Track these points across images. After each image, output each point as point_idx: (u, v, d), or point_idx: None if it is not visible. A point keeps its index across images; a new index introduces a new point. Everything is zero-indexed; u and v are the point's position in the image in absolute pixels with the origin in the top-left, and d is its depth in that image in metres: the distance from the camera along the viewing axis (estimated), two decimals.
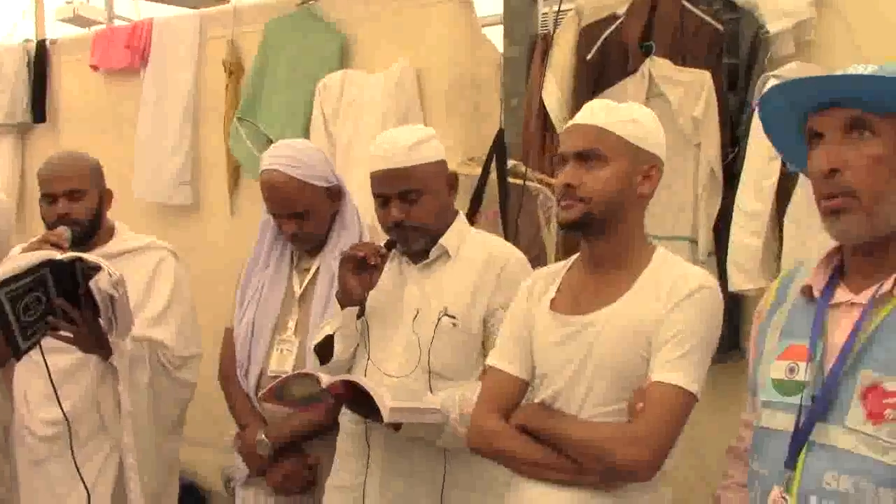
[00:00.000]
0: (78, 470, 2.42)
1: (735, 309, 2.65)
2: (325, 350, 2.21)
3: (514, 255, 2.21)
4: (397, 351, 2.16)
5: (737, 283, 2.53)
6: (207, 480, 3.95)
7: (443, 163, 2.21)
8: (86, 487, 2.44)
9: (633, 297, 1.78)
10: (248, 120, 3.69)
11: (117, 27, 4.43)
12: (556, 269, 1.95)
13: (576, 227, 1.81)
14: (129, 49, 4.19)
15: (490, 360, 1.94)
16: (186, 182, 4.01)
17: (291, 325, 2.50)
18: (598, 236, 1.82)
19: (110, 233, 2.79)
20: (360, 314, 2.20)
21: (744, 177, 2.57)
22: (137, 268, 2.72)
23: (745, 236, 2.52)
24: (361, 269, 2.15)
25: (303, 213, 2.45)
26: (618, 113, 1.81)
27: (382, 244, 2.20)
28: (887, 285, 1.41)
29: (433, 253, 2.19)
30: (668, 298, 1.74)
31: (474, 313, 2.13)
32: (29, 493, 2.67)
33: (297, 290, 2.52)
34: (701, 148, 2.68)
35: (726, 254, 2.62)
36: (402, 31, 3.43)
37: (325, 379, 2.03)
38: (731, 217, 2.62)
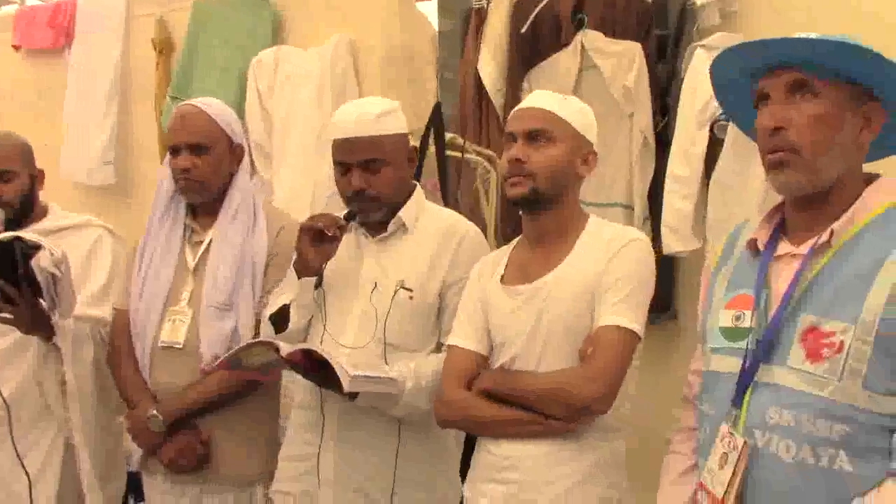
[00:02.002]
0: (19, 457, 2.41)
1: (668, 272, 2.75)
2: (280, 319, 2.22)
3: (471, 229, 2.25)
4: (353, 322, 2.19)
5: (670, 245, 2.63)
6: None
7: (405, 136, 2.24)
8: (27, 474, 2.42)
9: (574, 258, 1.94)
10: (180, 98, 3.64)
11: (39, 6, 4.31)
12: (503, 251, 2.10)
13: (524, 203, 1.97)
14: (53, 28, 4.11)
15: (450, 340, 2.05)
16: (110, 162, 3.94)
17: (185, 296, 2.47)
18: (543, 211, 1.97)
19: (43, 213, 2.76)
20: (318, 285, 2.21)
21: (674, 144, 2.66)
22: (74, 246, 2.68)
23: (677, 200, 2.62)
24: (320, 239, 2.16)
25: (201, 147, 2.42)
26: (567, 102, 2.00)
27: (342, 215, 2.20)
28: (825, 236, 1.53)
29: (391, 226, 2.21)
30: (605, 253, 1.91)
31: (430, 286, 2.17)
32: None
33: (191, 263, 2.49)
34: (633, 117, 2.76)
35: (660, 219, 2.72)
36: (336, 6, 3.43)
37: (285, 347, 2.03)
38: (664, 183, 2.71)
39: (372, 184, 2.15)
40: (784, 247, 1.61)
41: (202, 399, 2.41)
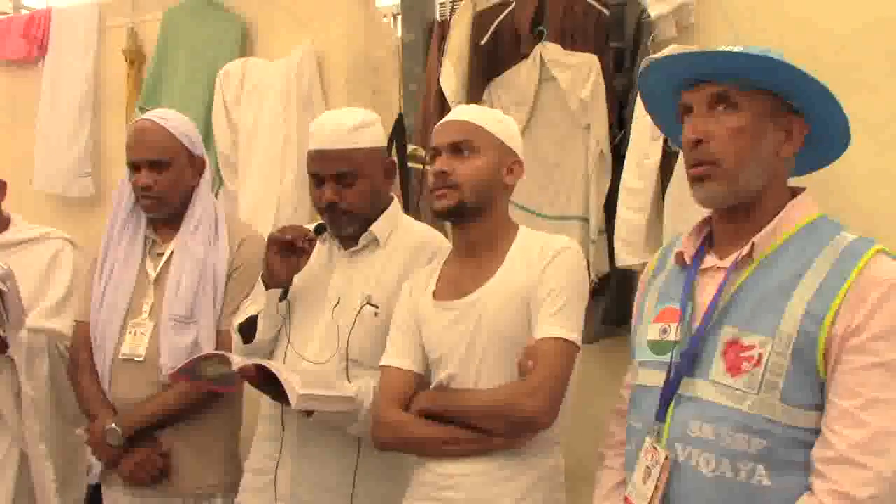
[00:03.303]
0: None
1: (624, 284, 2.75)
2: (248, 330, 2.21)
3: (444, 243, 2.22)
4: (317, 337, 2.17)
5: (622, 257, 2.63)
6: None
7: (381, 149, 2.22)
8: None
9: (506, 270, 1.93)
10: (149, 109, 3.66)
11: (13, 17, 4.32)
12: (433, 266, 2.07)
13: (450, 215, 1.95)
14: (26, 39, 4.11)
15: (384, 360, 2.01)
16: (87, 174, 3.95)
17: (146, 308, 2.48)
18: (471, 223, 1.96)
19: (6, 224, 2.77)
20: (284, 297, 2.19)
21: (628, 155, 2.66)
22: (35, 258, 2.71)
23: (629, 212, 2.62)
24: (289, 251, 2.14)
25: (162, 163, 2.43)
26: (488, 113, 2.01)
27: (312, 228, 2.19)
28: (746, 249, 1.53)
29: (362, 240, 2.19)
30: (537, 264, 1.89)
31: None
32: None
33: (152, 274, 2.50)
34: (590, 129, 2.76)
35: None
36: (301, 17, 3.44)
37: (237, 360, 2.02)
38: None
39: (344, 196, 2.13)
40: (710, 260, 1.61)
41: (161, 412, 2.42)
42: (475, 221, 1.96)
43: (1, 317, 2.35)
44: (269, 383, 1.99)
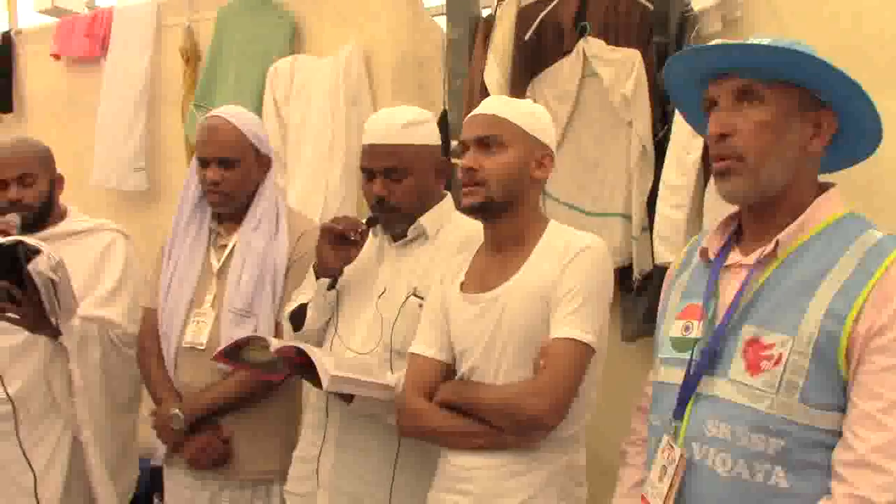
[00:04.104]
0: (23, 451, 2.49)
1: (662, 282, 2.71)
2: (299, 319, 2.26)
3: None
4: (362, 327, 2.20)
5: (661, 254, 2.59)
6: None
7: (434, 148, 2.23)
8: (32, 469, 2.50)
9: (530, 266, 1.92)
10: (204, 106, 3.74)
11: (78, 16, 4.46)
12: (465, 258, 2.08)
13: (478, 211, 1.95)
14: (90, 38, 4.23)
15: (412, 348, 2.04)
16: (141, 168, 4.04)
17: (209, 298, 2.55)
18: (499, 218, 1.95)
19: (62, 217, 2.85)
20: (332, 286, 2.22)
21: (669, 152, 2.63)
22: (87, 249, 2.79)
23: (669, 209, 2.58)
24: (341, 242, 2.18)
25: (230, 162, 2.50)
26: (516, 105, 1.98)
27: (364, 220, 2.22)
28: (770, 247, 1.50)
29: (411, 232, 2.22)
30: (559, 261, 1.88)
31: None
32: None
33: (215, 266, 2.57)
34: (633, 125, 2.74)
35: None
36: (349, 15, 3.48)
37: (275, 343, 2.06)
38: None
39: (393, 192, 2.16)
40: (734, 256, 1.59)
41: (222, 399, 2.49)
42: (503, 216, 1.95)
43: (53, 305, 2.44)
44: (308, 369, 2.03)
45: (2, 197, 2.71)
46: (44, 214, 2.77)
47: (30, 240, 2.38)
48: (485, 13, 3.17)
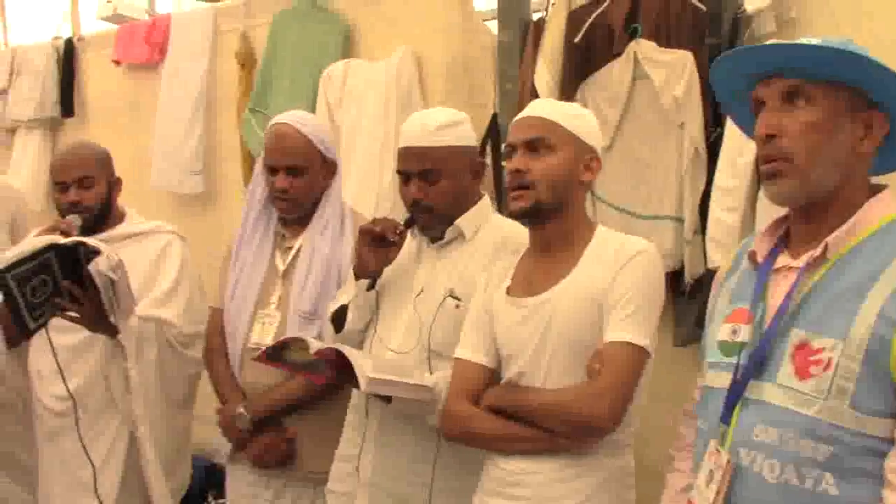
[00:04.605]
0: (83, 445, 2.56)
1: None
2: (340, 319, 2.28)
3: (528, 240, 2.21)
4: (401, 327, 2.21)
5: (714, 258, 2.57)
6: None
7: (469, 149, 2.24)
8: (91, 463, 2.57)
9: (580, 270, 1.91)
10: (260, 110, 3.80)
11: (137, 22, 4.57)
12: (511, 262, 2.07)
13: (527, 215, 1.95)
14: (149, 44, 4.34)
15: (456, 353, 2.04)
16: (198, 171, 4.13)
17: (274, 300, 2.58)
18: (547, 221, 1.95)
19: (121, 219, 2.91)
20: (371, 287, 2.25)
21: (722, 154, 2.60)
22: (145, 250, 2.85)
23: (722, 212, 2.56)
24: (379, 243, 2.20)
25: (299, 169, 2.52)
26: (563, 108, 1.98)
27: (402, 221, 2.24)
28: (819, 249, 1.48)
29: (448, 234, 2.22)
30: (611, 266, 1.87)
31: None
32: (46, 465, 2.82)
33: (281, 267, 2.60)
34: (684, 128, 2.71)
35: None
36: (401, 19, 3.51)
37: (315, 345, 2.08)
38: None
39: (428, 194, 2.17)
40: (783, 259, 1.57)
41: (286, 399, 2.52)
42: (551, 219, 1.95)
43: (112, 304, 2.50)
44: (348, 370, 2.04)
45: (63, 199, 2.78)
46: (103, 216, 2.84)
47: (90, 240, 2.45)
48: (535, 16, 3.18)
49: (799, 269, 1.51)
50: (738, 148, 2.55)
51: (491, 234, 2.22)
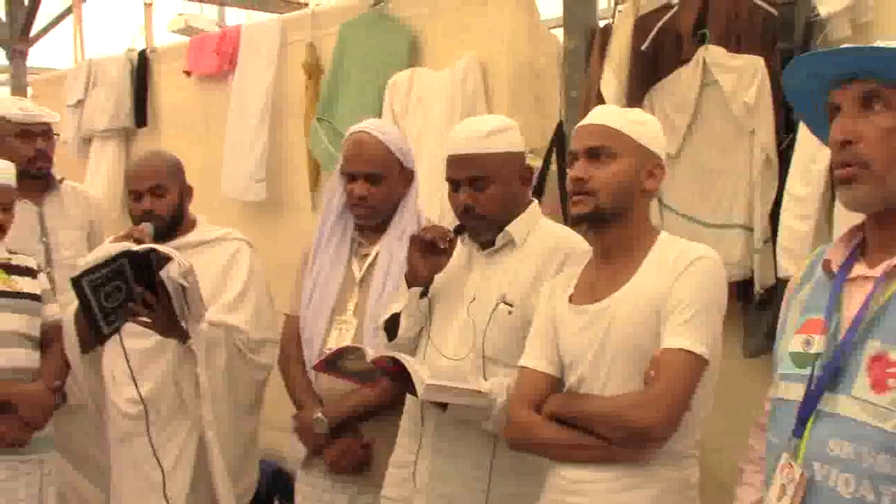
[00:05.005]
0: (153, 449, 2.61)
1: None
2: (393, 327, 2.31)
3: (580, 245, 2.23)
4: (454, 334, 2.23)
5: (785, 267, 2.51)
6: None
7: (518, 154, 2.25)
8: (160, 467, 2.62)
9: (640, 277, 1.90)
10: (326, 120, 3.85)
11: (208, 34, 4.67)
12: (575, 270, 2.07)
13: (586, 221, 1.95)
14: (219, 55, 4.43)
15: (521, 361, 2.04)
16: (262, 179, 4.19)
17: (351, 306, 2.61)
18: (608, 228, 1.94)
19: (192, 226, 2.97)
20: (424, 294, 2.27)
21: (794, 160, 2.55)
22: (214, 257, 2.91)
23: (794, 220, 2.50)
24: (430, 251, 2.22)
25: (377, 177, 2.54)
26: (626, 114, 1.97)
27: (452, 229, 2.26)
28: None
29: (499, 240, 2.24)
30: (671, 272, 1.86)
31: (533, 301, 2.16)
32: (118, 467, 2.89)
33: (357, 275, 2.63)
34: (755, 134, 2.66)
35: None
36: (466, 27, 3.51)
37: (371, 353, 2.11)
38: None
39: (478, 201, 2.18)
40: (859, 269, 1.52)
41: (363, 406, 2.55)
42: (612, 227, 1.95)
43: (183, 310, 2.55)
44: (403, 378, 2.06)
45: (136, 207, 2.85)
46: (175, 224, 2.90)
47: (162, 247, 2.51)
48: (602, 23, 3.15)
49: (876, 278, 1.47)
50: (811, 154, 2.49)
51: (541, 240, 2.24)
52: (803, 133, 2.52)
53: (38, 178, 3.54)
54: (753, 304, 2.74)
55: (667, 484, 1.85)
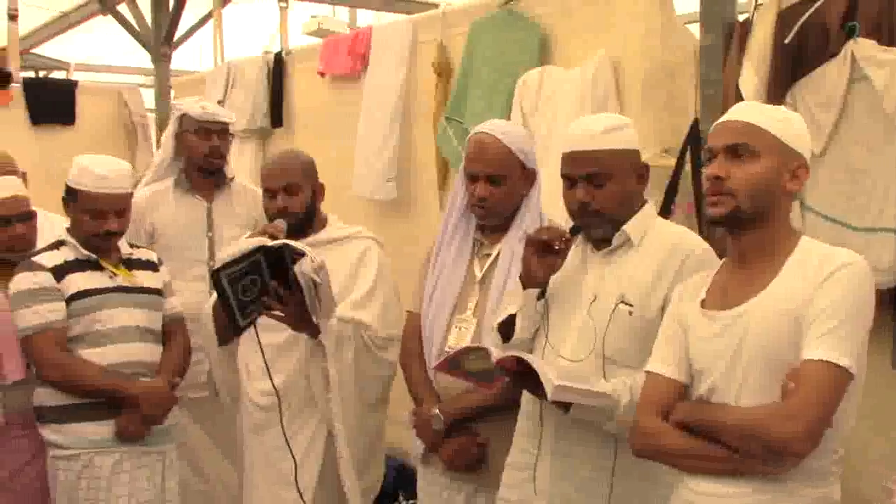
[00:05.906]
0: (286, 439, 2.68)
1: None
2: (507, 329, 2.29)
3: (699, 246, 2.20)
4: (573, 335, 2.21)
5: None
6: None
7: (634, 152, 2.23)
8: (293, 457, 2.69)
9: (779, 283, 1.81)
10: (455, 119, 3.86)
11: (341, 36, 4.76)
12: (706, 274, 2.00)
13: (724, 223, 1.86)
14: (351, 55, 4.51)
15: (648, 366, 1.99)
16: (392, 179, 4.24)
17: (471, 306, 2.61)
18: (746, 231, 1.86)
19: (323, 224, 3.05)
20: (541, 296, 2.25)
21: None
22: (345, 255, 2.97)
23: None
24: (546, 252, 2.20)
25: (498, 178, 2.54)
26: (769, 111, 1.87)
27: (568, 229, 2.24)
28: None
29: (616, 239, 2.21)
30: (813, 278, 1.76)
31: (652, 302, 2.13)
32: (250, 457, 2.99)
33: (478, 274, 2.63)
34: None
35: None
36: (598, 24, 3.44)
37: (496, 353, 2.10)
38: None
39: (595, 197, 2.16)
40: None
41: (480, 404, 2.55)
42: (750, 229, 1.86)
43: (314, 305, 2.61)
44: (525, 378, 2.04)
45: (271, 205, 2.93)
46: (307, 221, 2.97)
47: (295, 243, 2.57)
48: (741, 17, 3.03)
49: None
50: None
51: (659, 240, 2.20)
52: None
53: (211, 175, 3.72)
54: None
55: (804, 502, 1.75)
